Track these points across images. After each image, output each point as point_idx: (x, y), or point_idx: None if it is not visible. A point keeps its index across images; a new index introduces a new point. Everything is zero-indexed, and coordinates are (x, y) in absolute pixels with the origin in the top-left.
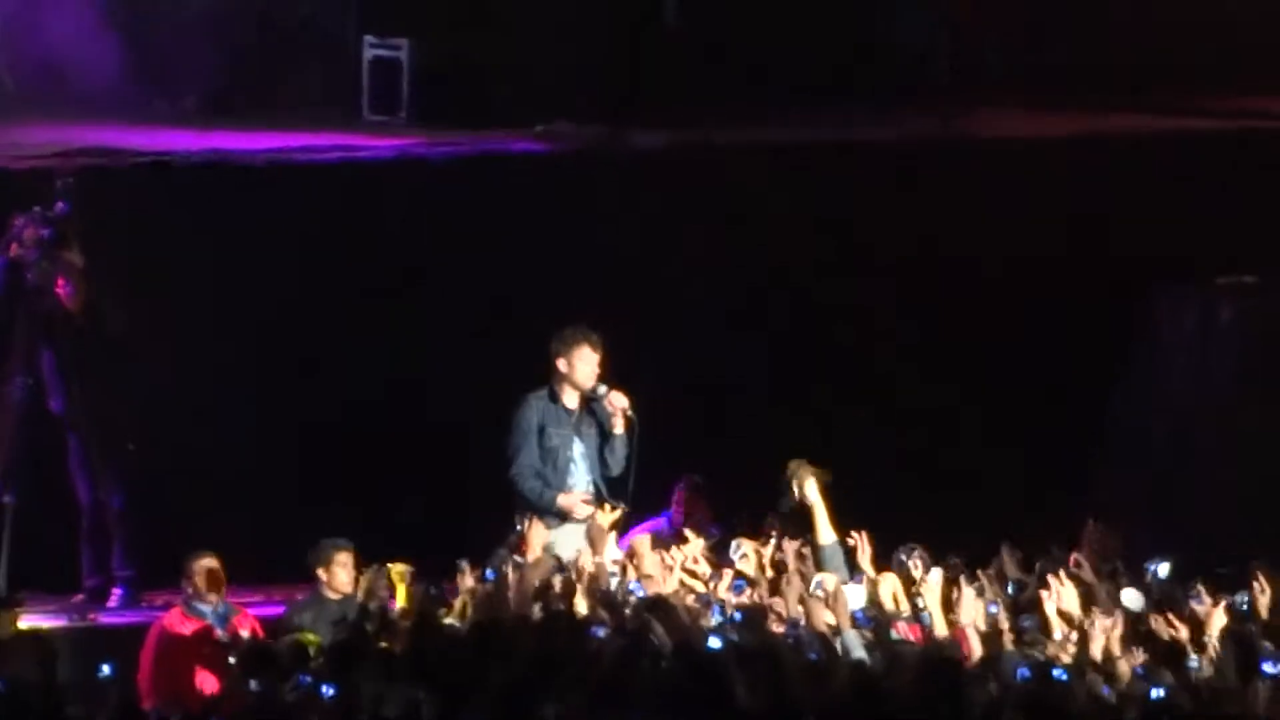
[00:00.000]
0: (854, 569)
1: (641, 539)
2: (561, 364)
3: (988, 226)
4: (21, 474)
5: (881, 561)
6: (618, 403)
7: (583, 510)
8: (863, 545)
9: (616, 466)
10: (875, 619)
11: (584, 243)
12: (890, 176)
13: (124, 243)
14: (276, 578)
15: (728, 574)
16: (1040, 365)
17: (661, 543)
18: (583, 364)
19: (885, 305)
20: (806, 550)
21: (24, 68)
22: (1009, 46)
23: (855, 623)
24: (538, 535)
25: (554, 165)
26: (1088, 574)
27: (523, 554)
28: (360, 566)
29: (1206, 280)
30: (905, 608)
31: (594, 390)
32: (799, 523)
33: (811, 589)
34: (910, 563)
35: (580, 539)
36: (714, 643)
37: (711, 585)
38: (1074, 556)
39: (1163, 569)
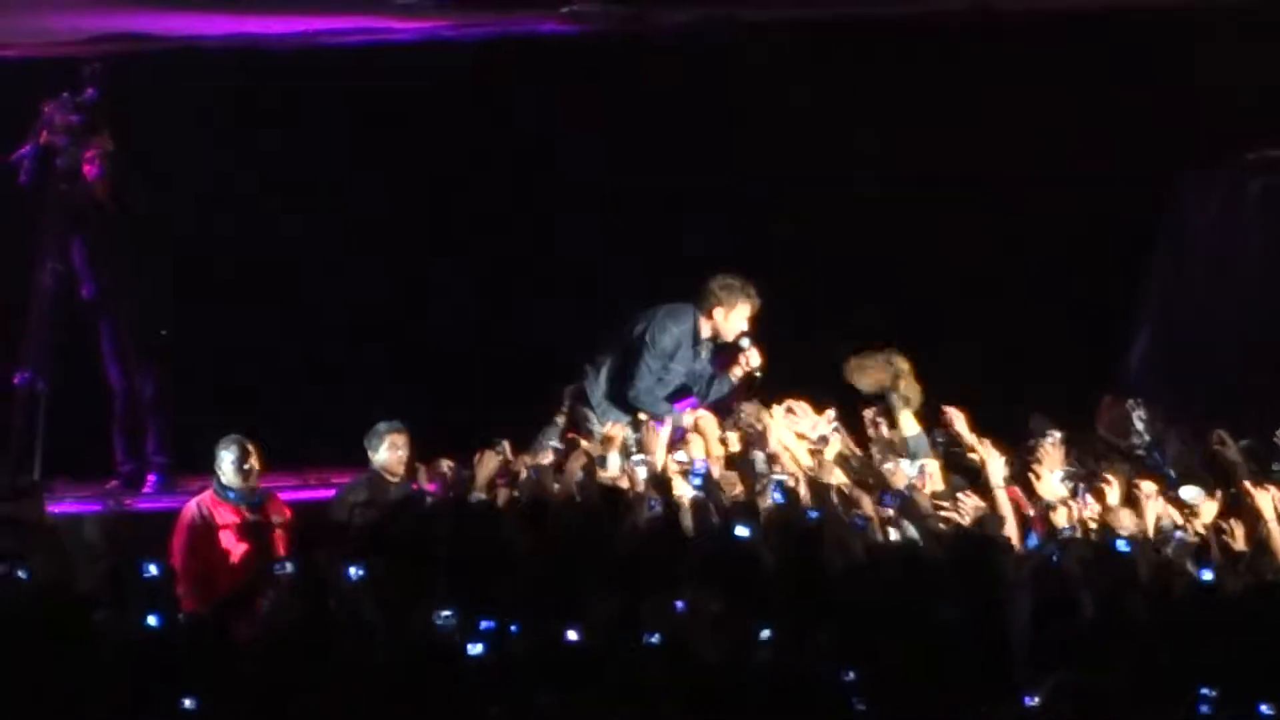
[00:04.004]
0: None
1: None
2: (718, 313)
3: (1022, 102)
4: (54, 361)
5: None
6: (753, 360)
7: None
8: (959, 419)
9: (712, 398)
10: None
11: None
12: (920, 51)
13: (153, 128)
14: (310, 462)
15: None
16: (1076, 243)
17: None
18: (737, 317)
19: (915, 183)
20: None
21: None
22: None
23: (882, 501)
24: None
25: (582, 46)
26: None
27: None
28: (413, 448)
29: (1235, 156)
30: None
31: (737, 340)
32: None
33: (913, 473)
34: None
35: None
36: (741, 531)
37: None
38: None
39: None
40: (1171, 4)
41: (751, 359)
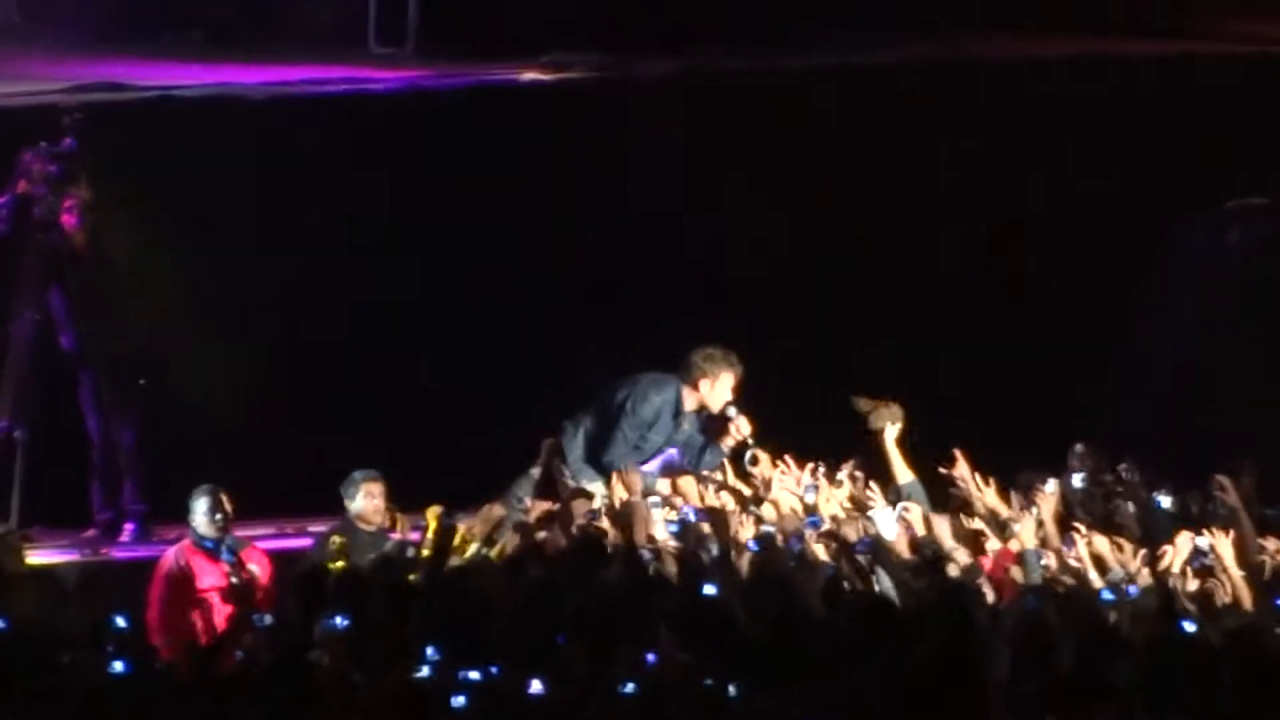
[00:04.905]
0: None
1: (687, 480)
2: (704, 384)
3: (1002, 149)
4: (32, 410)
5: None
6: (743, 429)
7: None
8: (963, 465)
9: (704, 468)
10: (873, 548)
11: (591, 174)
12: (902, 97)
13: (131, 177)
14: (286, 511)
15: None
16: (1064, 294)
17: (675, 472)
18: (722, 388)
19: (894, 232)
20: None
21: (30, 1)
22: None
23: (854, 550)
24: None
25: (561, 96)
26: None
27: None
28: (390, 498)
29: (1216, 204)
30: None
31: (724, 411)
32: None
33: (896, 515)
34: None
35: None
36: (709, 589)
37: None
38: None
39: (1165, 500)
40: (1145, 52)
41: (741, 428)
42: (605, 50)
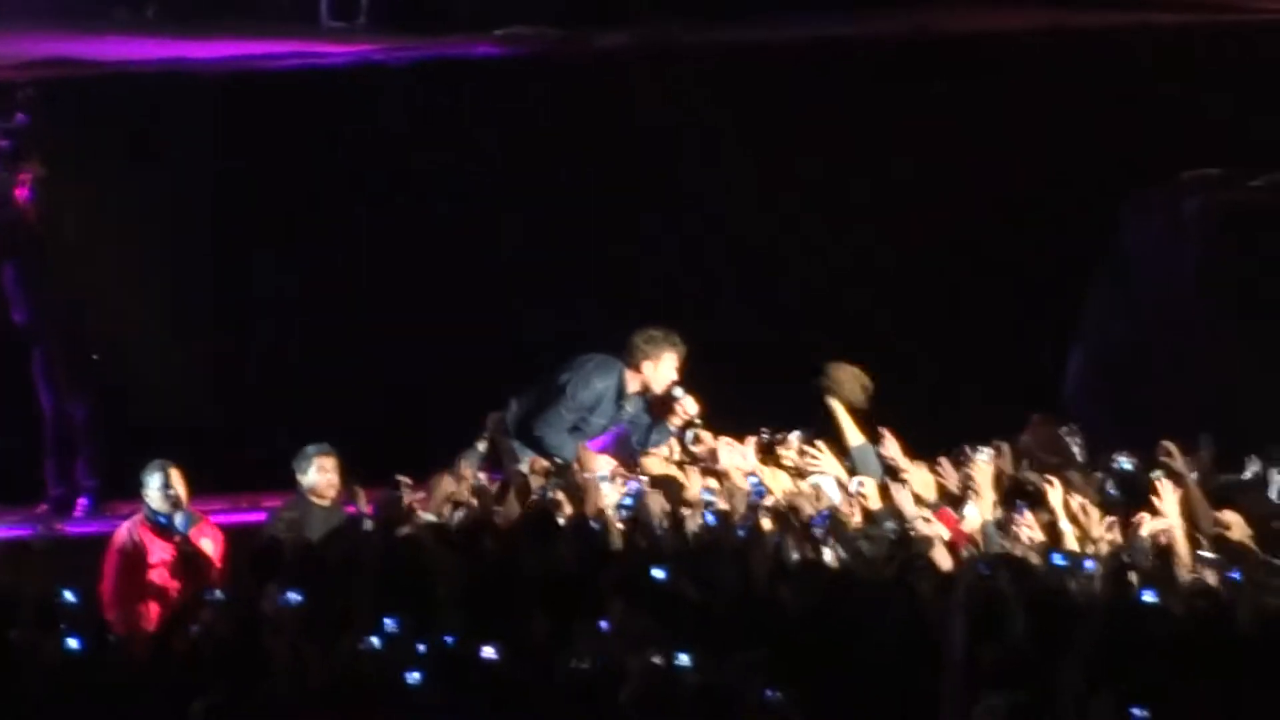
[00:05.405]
0: (887, 468)
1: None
2: (646, 366)
3: (961, 122)
4: None
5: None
6: (690, 409)
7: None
8: (891, 443)
9: (650, 445)
10: (831, 518)
11: (543, 148)
12: (859, 74)
13: (84, 153)
14: (240, 486)
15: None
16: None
17: (627, 449)
18: (665, 368)
19: (854, 206)
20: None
21: None
22: None
23: (813, 524)
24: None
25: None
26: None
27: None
28: (343, 471)
29: (1172, 177)
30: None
31: (669, 391)
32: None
33: (852, 489)
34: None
35: None
36: (657, 573)
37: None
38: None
39: (1126, 462)
40: (1111, 24)
41: (688, 407)
42: (560, 24)
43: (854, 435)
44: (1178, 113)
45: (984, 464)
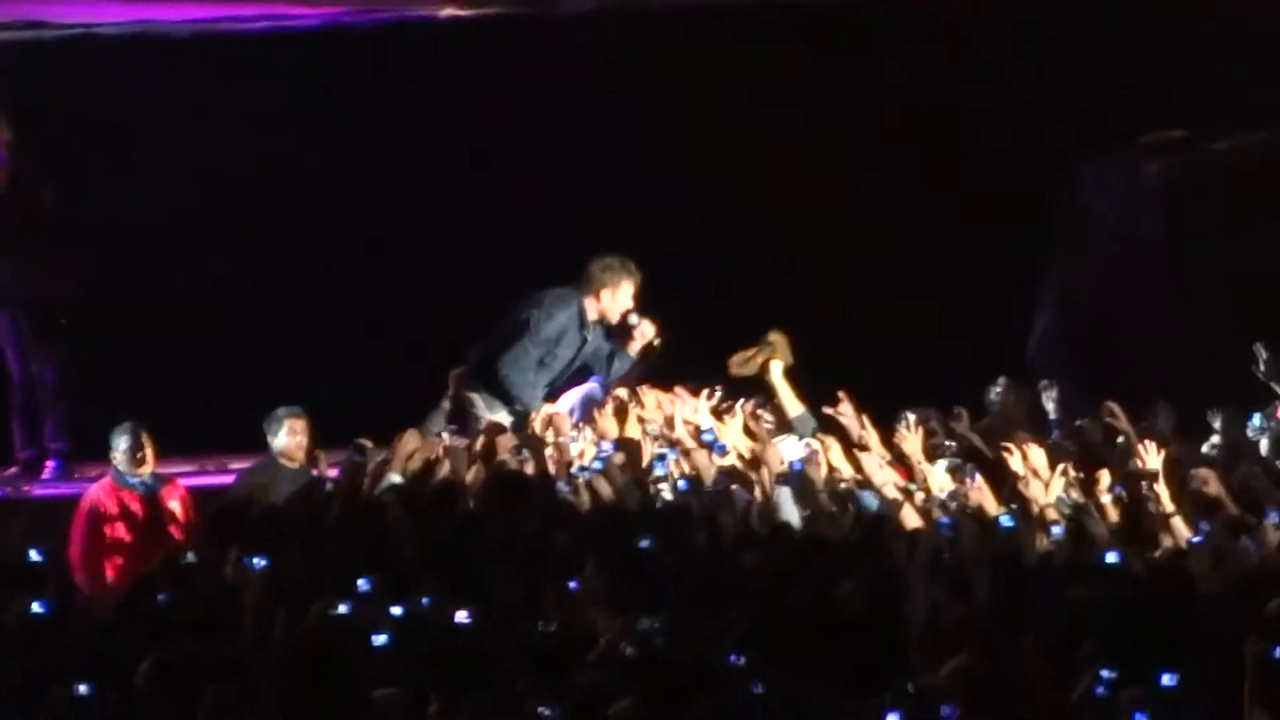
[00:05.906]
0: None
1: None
2: (604, 294)
3: (919, 81)
4: None
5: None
6: (647, 332)
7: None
8: (847, 408)
9: (615, 375)
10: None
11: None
12: (821, 34)
13: (52, 116)
14: (208, 448)
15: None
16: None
17: (596, 404)
18: (622, 296)
19: (811, 169)
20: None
21: None
22: None
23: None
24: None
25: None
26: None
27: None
28: (313, 434)
29: (1132, 139)
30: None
31: (625, 317)
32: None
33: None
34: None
35: None
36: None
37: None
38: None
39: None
40: None
41: (645, 331)
42: None
43: (793, 405)
44: (1129, 73)
45: (906, 429)
